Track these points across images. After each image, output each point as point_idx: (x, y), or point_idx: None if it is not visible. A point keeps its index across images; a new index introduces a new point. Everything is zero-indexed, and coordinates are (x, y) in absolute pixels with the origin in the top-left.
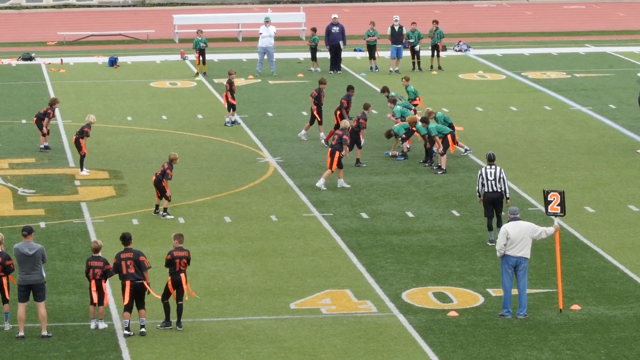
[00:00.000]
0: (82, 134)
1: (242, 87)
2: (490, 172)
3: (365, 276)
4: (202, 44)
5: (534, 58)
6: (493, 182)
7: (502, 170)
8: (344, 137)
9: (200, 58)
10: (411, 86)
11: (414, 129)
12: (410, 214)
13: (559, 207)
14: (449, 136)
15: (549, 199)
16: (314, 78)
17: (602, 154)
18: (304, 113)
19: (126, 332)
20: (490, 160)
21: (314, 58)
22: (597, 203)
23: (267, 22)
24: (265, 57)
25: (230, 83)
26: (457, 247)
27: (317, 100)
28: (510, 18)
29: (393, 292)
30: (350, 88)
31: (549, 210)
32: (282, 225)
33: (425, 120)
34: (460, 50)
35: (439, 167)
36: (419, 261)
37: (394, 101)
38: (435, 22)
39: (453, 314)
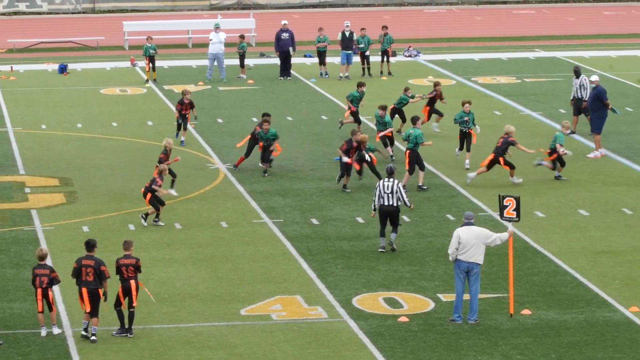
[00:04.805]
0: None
1: (192, 94)
2: (387, 186)
3: (315, 282)
4: (151, 51)
5: (484, 63)
6: (390, 195)
7: (399, 184)
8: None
9: (150, 65)
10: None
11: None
12: (360, 220)
13: (514, 212)
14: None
15: (504, 203)
16: (262, 84)
17: None
18: (254, 119)
19: (84, 333)
20: (389, 173)
21: (242, 65)
22: (547, 208)
23: (217, 28)
24: (216, 63)
25: (181, 103)
26: (407, 252)
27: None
28: (460, 23)
29: (343, 297)
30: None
31: (505, 215)
32: (232, 231)
33: (383, 108)
34: (410, 56)
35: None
36: (369, 267)
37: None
38: (385, 27)
39: (403, 319)
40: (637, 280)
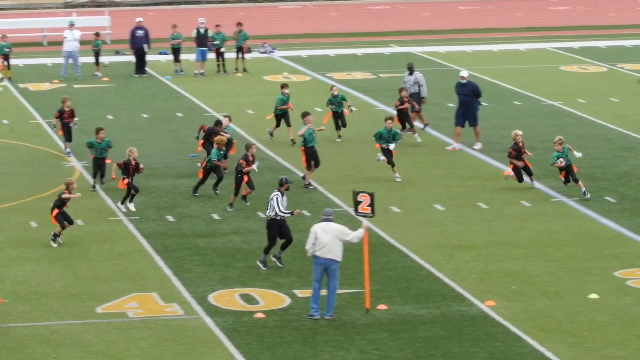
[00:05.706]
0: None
1: (46, 92)
2: (274, 198)
3: (171, 279)
4: (6, 49)
5: (339, 59)
6: (268, 207)
7: (274, 196)
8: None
9: (5, 63)
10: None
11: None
12: (216, 217)
13: (369, 208)
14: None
15: (358, 199)
16: (118, 82)
17: (408, 154)
18: (109, 117)
19: None
20: (278, 184)
21: (97, 63)
22: (403, 203)
23: (71, 26)
24: (70, 61)
25: (61, 111)
26: (263, 248)
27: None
28: (315, 19)
29: (199, 294)
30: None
31: (359, 211)
32: (88, 229)
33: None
34: (265, 52)
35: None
36: (225, 263)
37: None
38: (240, 24)
39: (260, 315)
40: (492, 275)
